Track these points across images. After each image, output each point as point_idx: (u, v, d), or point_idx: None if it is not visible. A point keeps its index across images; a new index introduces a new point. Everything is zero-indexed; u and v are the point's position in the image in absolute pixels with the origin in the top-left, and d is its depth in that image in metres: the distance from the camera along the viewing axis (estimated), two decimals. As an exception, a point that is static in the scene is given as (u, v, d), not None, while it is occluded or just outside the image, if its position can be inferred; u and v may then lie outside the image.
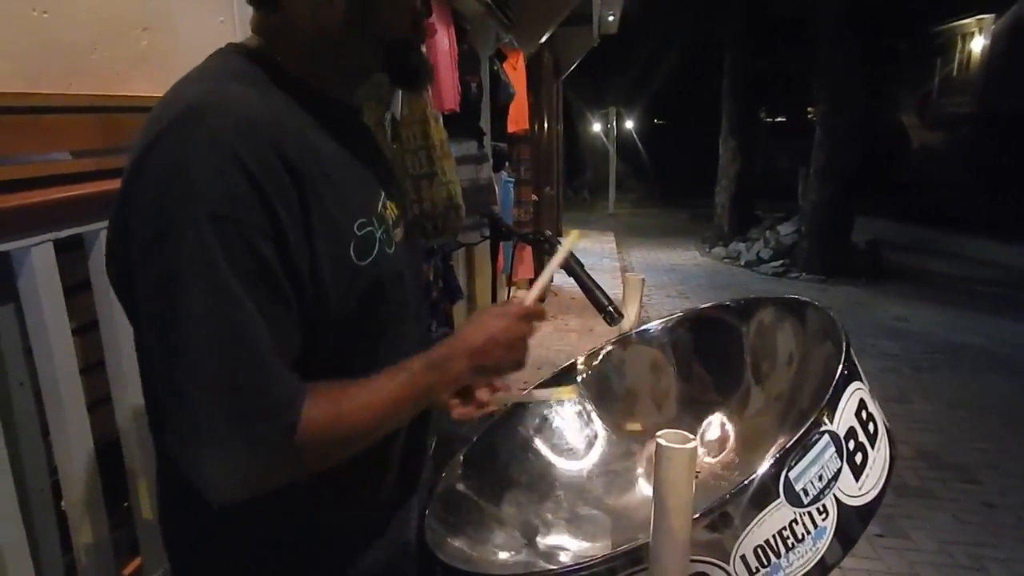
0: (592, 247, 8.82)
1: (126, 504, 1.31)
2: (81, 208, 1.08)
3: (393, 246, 0.77)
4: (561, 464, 1.17)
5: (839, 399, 0.77)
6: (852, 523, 0.75)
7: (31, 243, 0.97)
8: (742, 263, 8.69)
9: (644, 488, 1.14)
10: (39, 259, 0.99)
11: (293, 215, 0.64)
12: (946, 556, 2.57)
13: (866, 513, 0.77)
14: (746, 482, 0.69)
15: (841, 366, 0.80)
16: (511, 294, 1.14)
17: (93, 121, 1.12)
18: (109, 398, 1.22)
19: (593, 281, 1.26)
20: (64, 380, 1.03)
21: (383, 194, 0.79)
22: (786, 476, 0.70)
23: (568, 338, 5.01)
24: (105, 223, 1.13)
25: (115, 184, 1.13)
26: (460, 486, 1.07)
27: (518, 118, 4.53)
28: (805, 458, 0.71)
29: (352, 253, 0.71)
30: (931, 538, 2.68)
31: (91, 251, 1.12)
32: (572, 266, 1.30)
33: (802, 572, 0.72)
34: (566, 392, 1.10)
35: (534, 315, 0.83)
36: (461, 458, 1.07)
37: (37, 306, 0.99)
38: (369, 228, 0.73)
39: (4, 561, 0.94)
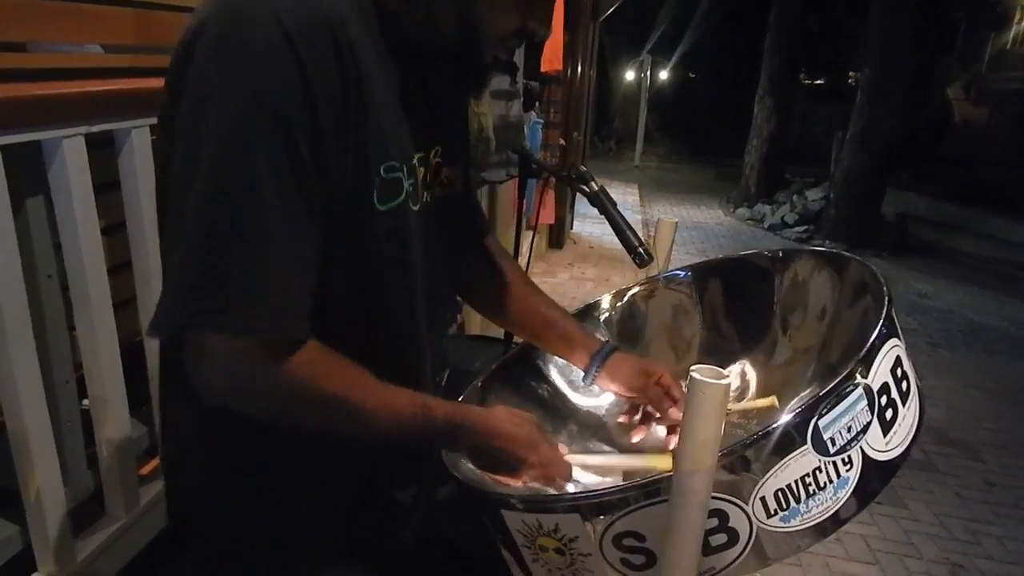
0: (615, 199, 8.70)
1: (144, 408, 1.34)
2: (114, 104, 1.06)
3: (419, 205, 0.73)
4: (576, 399, 1.16)
5: (876, 353, 0.76)
6: (874, 477, 0.75)
7: (62, 134, 0.96)
8: (766, 226, 8.55)
9: (659, 432, 1.14)
10: (70, 152, 0.97)
11: (335, 118, 0.61)
12: (943, 529, 2.59)
13: (889, 469, 0.76)
14: (773, 426, 0.68)
15: (882, 321, 0.79)
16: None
17: (127, 15, 1.09)
18: (133, 300, 1.22)
19: (624, 221, 1.23)
20: (91, 275, 1.03)
21: (425, 151, 0.75)
22: (815, 424, 0.69)
23: (584, 287, 5.00)
24: (137, 122, 1.13)
25: (148, 83, 1.13)
26: None
27: (552, 58, 4.39)
28: (836, 408, 0.70)
29: (375, 194, 0.67)
30: (929, 510, 2.70)
31: (121, 150, 1.11)
32: (604, 204, 1.27)
33: (819, 519, 0.72)
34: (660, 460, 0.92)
35: (562, 475, 0.86)
36: (479, 384, 1.07)
37: (67, 199, 0.99)
38: (398, 174, 0.69)
39: (30, 447, 0.97)
